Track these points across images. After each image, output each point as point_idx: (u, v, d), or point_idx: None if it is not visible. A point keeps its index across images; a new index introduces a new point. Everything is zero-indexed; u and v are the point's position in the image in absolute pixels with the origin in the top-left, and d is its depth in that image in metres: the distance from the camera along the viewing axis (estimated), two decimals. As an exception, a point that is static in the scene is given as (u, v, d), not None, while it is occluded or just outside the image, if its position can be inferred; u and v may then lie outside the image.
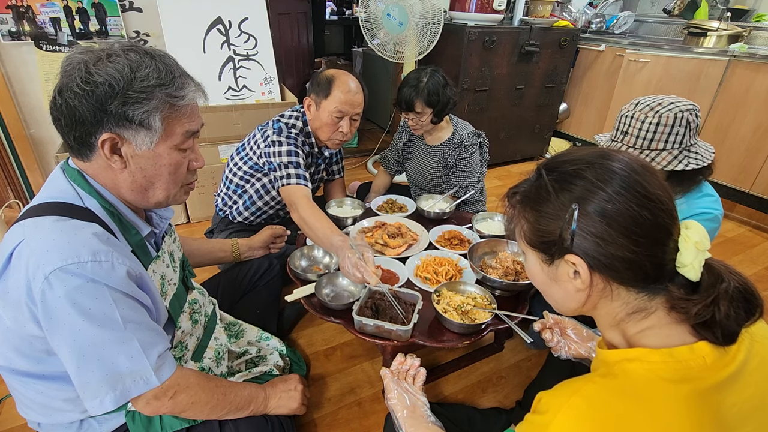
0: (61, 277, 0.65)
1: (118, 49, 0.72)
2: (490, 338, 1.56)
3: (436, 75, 1.66)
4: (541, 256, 0.61)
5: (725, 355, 0.51)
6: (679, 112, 1.02)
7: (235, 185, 1.67)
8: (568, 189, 0.55)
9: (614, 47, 3.08)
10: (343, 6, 6.43)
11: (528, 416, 0.58)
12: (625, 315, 0.57)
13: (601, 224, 0.52)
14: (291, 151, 1.46)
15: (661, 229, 0.52)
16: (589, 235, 0.53)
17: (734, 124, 2.56)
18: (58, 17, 2.00)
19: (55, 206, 0.72)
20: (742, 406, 0.51)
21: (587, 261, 0.54)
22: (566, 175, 0.56)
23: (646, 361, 0.52)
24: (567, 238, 0.55)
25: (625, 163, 0.54)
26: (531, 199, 0.59)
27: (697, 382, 0.49)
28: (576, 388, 0.53)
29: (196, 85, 0.80)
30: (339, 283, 1.24)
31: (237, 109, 2.21)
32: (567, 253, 0.56)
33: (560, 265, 0.58)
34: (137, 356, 0.71)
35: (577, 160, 0.56)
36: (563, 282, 0.59)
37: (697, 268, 0.51)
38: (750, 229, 2.59)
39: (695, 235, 0.52)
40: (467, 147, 1.77)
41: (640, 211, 0.51)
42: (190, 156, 0.83)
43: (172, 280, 0.92)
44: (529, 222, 0.60)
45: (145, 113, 0.71)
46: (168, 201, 0.84)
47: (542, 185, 0.57)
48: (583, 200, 0.53)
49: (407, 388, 0.90)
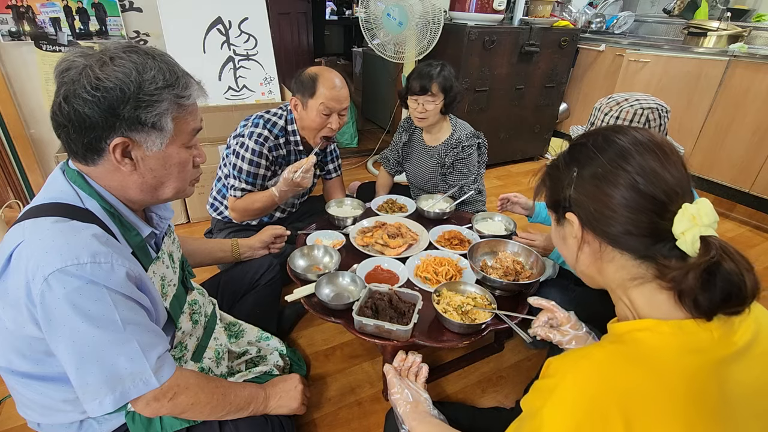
0: (60, 279, 0.65)
1: (120, 51, 0.71)
2: (490, 338, 1.56)
3: (447, 67, 1.69)
4: (554, 217, 0.70)
5: (731, 332, 0.53)
6: (641, 109, 1.04)
7: (222, 185, 1.69)
8: (576, 157, 0.64)
9: (614, 47, 3.08)
10: (343, 6, 6.43)
11: (536, 383, 0.59)
12: (625, 280, 0.61)
13: (592, 186, 0.60)
14: (252, 161, 1.51)
15: (650, 199, 0.55)
16: (582, 195, 0.61)
17: (734, 124, 2.56)
18: (58, 17, 2.00)
19: (55, 207, 0.72)
20: (748, 386, 0.52)
21: (579, 217, 0.62)
22: (575, 146, 0.65)
23: (656, 332, 0.54)
24: (567, 197, 0.63)
25: (630, 136, 0.60)
26: (551, 167, 0.69)
27: (704, 354, 0.51)
28: (585, 353, 0.55)
29: (197, 83, 0.81)
30: (339, 283, 1.24)
31: (237, 109, 2.22)
32: (567, 211, 0.64)
33: (565, 224, 0.66)
34: (137, 358, 0.71)
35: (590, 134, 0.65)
36: (568, 240, 0.67)
37: (690, 241, 0.52)
38: (750, 229, 2.59)
39: (694, 208, 0.53)
40: (465, 148, 1.77)
41: (630, 178, 0.56)
42: (194, 152, 0.84)
43: (171, 281, 0.92)
44: (547, 187, 0.70)
45: (157, 116, 0.72)
46: (177, 196, 0.85)
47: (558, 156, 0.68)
48: (582, 166, 0.62)
49: (410, 384, 0.91)
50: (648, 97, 1.08)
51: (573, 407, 0.51)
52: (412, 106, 1.72)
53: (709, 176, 2.75)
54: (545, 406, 0.53)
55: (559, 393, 0.52)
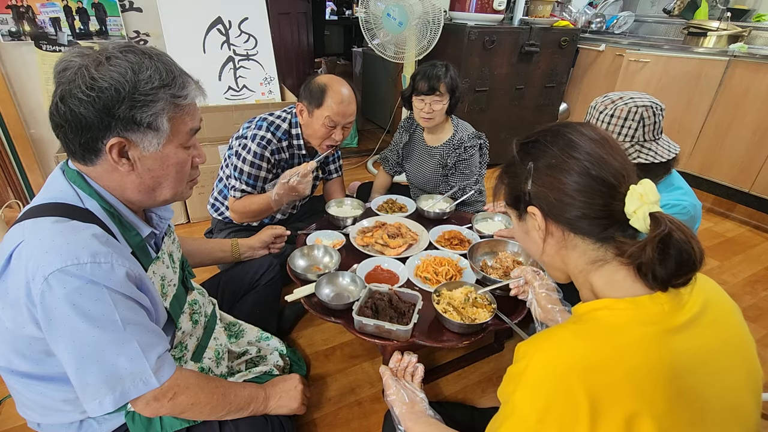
0: (60, 279, 0.64)
1: (116, 51, 0.71)
2: (490, 338, 1.56)
3: (452, 67, 1.70)
4: (515, 214, 0.72)
5: (681, 305, 0.57)
6: (635, 106, 1.05)
7: (223, 185, 1.69)
8: (529, 152, 0.67)
9: (614, 47, 3.08)
10: (343, 6, 6.43)
11: (508, 370, 0.62)
12: (586, 265, 0.65)
13: (548, 176, 0.63)
14: (254, 163, 1.51)
15: (601, 181, 0.60)
16: (540, 186, 0.64)
17: (734, 123, 2.56)
18: (58, 17, 2.00)
19: (54, 207, 0.72)
20: (696, 353, 0.55)
21: (541, 209, 0.65)
22: (528, 142, 0.68)
23: (613, 309, 0.58)
24: (526, 191, 0.66)
25: (578, 131, 0.64)
26: (507, 166, 0.72)
27: (657, 326, 0.55)
28: (549, 335, 0.59)
29: (195, 83, 0.80)
30: (339, 283, 1.24)
31: (237, 109, 2.21)
32: (528, 205, 0.67)
33: (527, 219, 0.69)
34: (137, 358, 0.71)
35: (539, 132, 0.68)
36: (531, 233, 0.70)
37: (641, 218, 0.57)
38: (750, 229, 2.59)
39: (641, 188, 0.58)
40: (467, 148, 1.77)
41: (581, 165, 0.61)
42: (192, 152, 0.83)
43: (171, 281, 0.92)
44: (505, 185, 0.72)
45: (152, 116, 0.71)
46: (175, 198, 0.84)
47: (512, 154, 0.70)
48: (536, 159, 0.65)
49: (406, 384, 0.91)
50: (643, 95, 1.09)
51: (540, 387, 0.54)
52: (418, 106, 1.71)
53: (709, 176, 2.75)
54: (516, 390, 0.56)
55: (527, 376, 0.55)
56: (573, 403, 0.51)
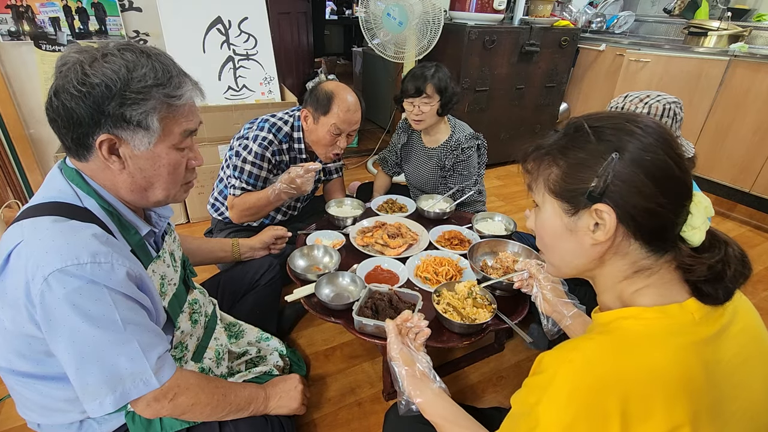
0: (60, 279, 0.64)
1: (114, 49, 0.71)
2: (490, 338, 1.56)
3: (442, 68, 1.68)
4: (563, 207, 0.60)
5: (711, 314, 0.55)
6: (667, 104, 1.07)
7: (223, 185, 1.69)
8: (608, 138, 0.55)
9: (615, 47, 3.08)
10: (343, 6, 6.43)
11: (528, 380, 0.58)
12: (631, 273, 0.58)
13: (636, 174, 0.53)
14: (255, 163, 1.51)
15: (685, 186, 0.55)
16: (623, 184, 0.54)
17: (735, 123, 2.56)
18: (58, 17, 2.00)
19: (53, 206, 0.72)
20: (727, 363, 0.54)
21: (617, 210, 0.55)
22: (605, 126, 0.57)
23: (640, 318, 0.55)
24: (600, 186, 0.54)
25: (655, 123, 0.57)
26: (565, 147, 0.59)
27: (687, 336, 0.52)
28: (574, 346, 0.55)
29: (194, 84, 0.79)
30: (339, 283, 1.24)
31: (237, 108, 2.21)
32: (597, 202, 0.55)
33: (583, 216, 0.58)
34: (137, 358, 0.71)
35: (614, 116, 0.58)
36: (580, 234, 0.59)
37: (704, 231, 0.55)
38: (750, 229, 2.59)
39: (705, 200, 0.56)
40: (465, 149, 1.76)
41: (673, 165, 0.53)
42: (188, 155, 0.82)
43: (172, 280, 0.91)
44: (561, 169, 0.59)
45: (142, 114, 0.71)
46: (168, 200, 0.83)
47: (581, 134, 0.58)
48: (622, 149, 0.54)
49: (408, 344, 0.87)
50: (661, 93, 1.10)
51: (568, 402, 0.51)
52: (407, 108, 1.71)
53: (710, 176, 2.75)
54: (540, 402, 0.53)
55: (554, 388, 0.52)
56: (602, 417, 0.49)
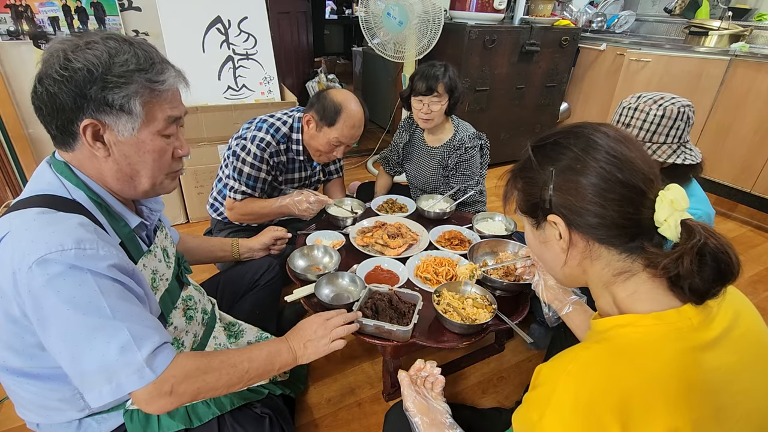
0: (42, 265, 0.63)
1: (97, 37, 0.72)
2: (491, 339, 1.56)
3: (450, 68, 1.69)
4: (531, 222, 0.67)
5: (710, 319, 0.54)
6: (681, 107, 1.05)
7: (222, 185, 1.68)
8: (548, 155, 0.61)
9: (615, 46, 3.07)
10: (343, 5, 6.43)
11: (527, 395, 0.58)
12: (611, 276, 0.60)
13: (572, 182, 0.58)
14: (254, 165, 1.51)
15: (630, 187, 0.55)
16: (563, 193, 0.59)
17: (735, 123, 2.56)
18: (57, 16, 1.99)
19: (41, 199, 0.72)
20: (728, 369, 0.53)
21: (564, 218, 0.60)
22: (547, 145, 0.62)
23: (637, 325, 0.55)
24: (546, 198, 0.60)
25: (600, 131, 0.59)
26: (521, 170, 0.66)
27: (685, 342, 0.52)
28: (572, 356, 0.55)
29: (177, 72, 0.79)
30: (339, 283, 1.24)
31: (236, 108, 2.21)
32: (549, 213, 0.61)
33: (546, 227, 0.63)
34: (128, 347, 0.67)
35: (556, 133, 0.63)
36: (551, 243, 0.64)
37: (673, 226, 0.54)
38: (751, 229, 2.58)
39: (671, 194, 0.55)
40: (468, 149, 1.76)
41: (609, 169, 0.56)
42: (174, 143, 0.82)
43: (164, 275, 0.90)
44: (519, 190, 0.67)
45: (125, 98, 0.71)
46: (155, 189, 0.83)
47: (528, 157, 0.64)
48: (556, 163, 0.59)
49: (425, 394, 0.87)
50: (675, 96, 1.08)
51: (572, 414, 0.51)
52: (416, 107, 1.70)
53: (711, 176, 2.74)
54: (544, 416, 0.53)
55: (555, 402, 0.52)
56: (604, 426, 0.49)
